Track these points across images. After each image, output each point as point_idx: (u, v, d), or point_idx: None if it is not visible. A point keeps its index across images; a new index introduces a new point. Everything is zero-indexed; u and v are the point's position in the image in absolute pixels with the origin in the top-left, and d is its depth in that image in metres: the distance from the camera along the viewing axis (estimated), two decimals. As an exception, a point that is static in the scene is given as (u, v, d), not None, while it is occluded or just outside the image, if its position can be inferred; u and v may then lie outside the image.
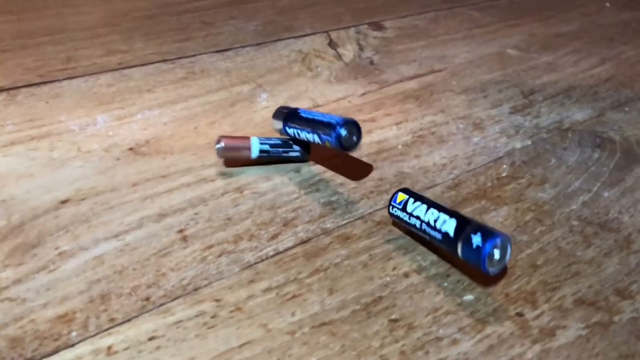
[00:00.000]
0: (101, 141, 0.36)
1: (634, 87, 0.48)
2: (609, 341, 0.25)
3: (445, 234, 0.26)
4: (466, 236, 0.25)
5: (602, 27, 0.61)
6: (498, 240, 0.25)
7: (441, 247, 0.27)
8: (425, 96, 0.44)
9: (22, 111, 0.39)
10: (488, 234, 0.25)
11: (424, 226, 0.27)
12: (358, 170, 0.35)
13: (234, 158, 0.34)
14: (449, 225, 0.26)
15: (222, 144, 0.32)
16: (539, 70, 0.50)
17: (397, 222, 0.29)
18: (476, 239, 0.25)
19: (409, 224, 0.28)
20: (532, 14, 0.63)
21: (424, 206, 0.28)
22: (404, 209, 0.28)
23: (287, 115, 0.34)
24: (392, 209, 0.29)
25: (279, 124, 0.34)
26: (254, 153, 0.33)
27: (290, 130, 0.33)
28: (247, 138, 0.33)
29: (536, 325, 0.25)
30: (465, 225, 0.26)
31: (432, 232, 0.27)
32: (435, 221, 0.27)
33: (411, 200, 0.28)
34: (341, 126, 0.30)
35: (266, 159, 0.34)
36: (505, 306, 0.26)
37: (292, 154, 0.34)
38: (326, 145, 0.31)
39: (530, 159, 0.37)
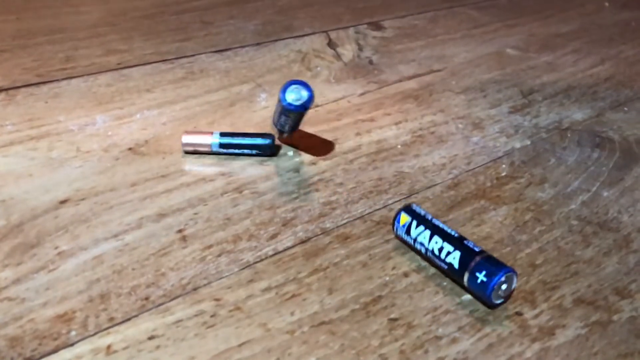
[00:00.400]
0: (100, 141, 0.36)
1: (633, 86, 0.48)
2: (608, 340, 0.25)
3: (450, 265, 0.26)
4: (471, 271, 0.25)
5: (601, 27, 0.61)
6: (502, 277, 0.25)
7: (447, 274, 0.27)
8: (425, 96, 0.44)
9: (21, 111, 0.39)
10: (492, 271, 0.25)
11: (429, 254, 0.27)
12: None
13: (198, 151, 0.35)
14: (453, 258, 0.26)
15: (183, 140, 0.35)
16: (538, 70, 0.50)
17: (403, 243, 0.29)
18: (481, 276, 0.25)
19: (414, 248, 0.28)
20: (532, 14, 0.63)
21: (427, 232, 0.27)
22: (407, 233, 0.28)
23: (274, 114, 0.35)
24: (397, 231, 0.29)
25: (273, 126, 0.35)
26: (214, 147, 0.35)
27: (279, 126, 0.34)
28: (210, 133, 0.35)
29: (535, 324, 0.25)
30: (469, 259, 0.25)
31: (437, 261, 0.27)
32: (439, 250, 0.26)
33: (414, 223, 0.28)
34: (284, 92, 0.31)
35: (229, 148, 0.35)
36: (504, 305, 0.26)
37: (254, 141, 0.35)
38: (294, 118, 0.33)
39: (530, 158, 0.37)
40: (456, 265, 0.26)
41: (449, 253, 0.26)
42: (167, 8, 0.58)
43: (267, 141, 0.35)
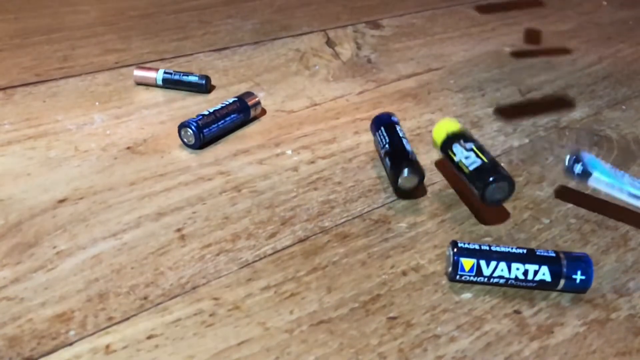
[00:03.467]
0: (98, 140, 0.36)
1: (631, 85, 0.48)
2: (606, 338, 0.25)
3: (541, 282, 0.26)
4: (566, 277, 0.26)
5: (599, 26, 0.61)
6: (592, 266, 0.26)
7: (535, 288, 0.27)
8: (423, 94, 0.44)
9: (19, 110, 0.39)
10: (584, 265, 0.26)
11: (511, 282, 0.27)
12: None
13: (146, 83, 0.43)
14: (542, 274, 0.26)
15: (134, 74, 0.43)
16: (536, 68, 0.50)
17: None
18: (579, 276, 0.26)
19: (487, 283, 0.27)
20: (530, 13, 0.64)
21: (503, 264, 0.26)
22: (479, 274, 0.27)
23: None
24: (460, 278, 0.27)
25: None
26: (159, 81, 0.42)
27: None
28: (155, 70, 0.42)
29: (534, 323, 0.25)
30: (558, 267, 0.26)
31: (523, 284, 0.27)
32: (525, 274, 0.26)
33: (483, 262, 0.26)
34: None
35: (170, 84, 0.42)
36: (502, 304, 0.26)
37: (191, 78, 0.42)
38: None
39: (528, 157, 0.37)
40: (549, 279, 0.26)
41: (536, 272, 0.26)
42: (165, 7, 0.58)
43: (202, 80, 0.42)
